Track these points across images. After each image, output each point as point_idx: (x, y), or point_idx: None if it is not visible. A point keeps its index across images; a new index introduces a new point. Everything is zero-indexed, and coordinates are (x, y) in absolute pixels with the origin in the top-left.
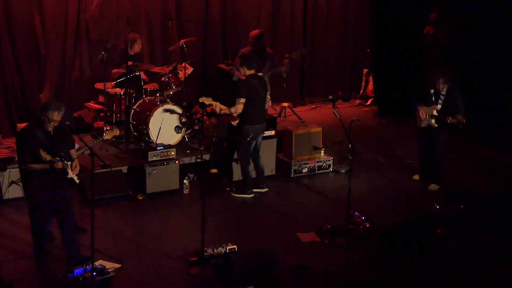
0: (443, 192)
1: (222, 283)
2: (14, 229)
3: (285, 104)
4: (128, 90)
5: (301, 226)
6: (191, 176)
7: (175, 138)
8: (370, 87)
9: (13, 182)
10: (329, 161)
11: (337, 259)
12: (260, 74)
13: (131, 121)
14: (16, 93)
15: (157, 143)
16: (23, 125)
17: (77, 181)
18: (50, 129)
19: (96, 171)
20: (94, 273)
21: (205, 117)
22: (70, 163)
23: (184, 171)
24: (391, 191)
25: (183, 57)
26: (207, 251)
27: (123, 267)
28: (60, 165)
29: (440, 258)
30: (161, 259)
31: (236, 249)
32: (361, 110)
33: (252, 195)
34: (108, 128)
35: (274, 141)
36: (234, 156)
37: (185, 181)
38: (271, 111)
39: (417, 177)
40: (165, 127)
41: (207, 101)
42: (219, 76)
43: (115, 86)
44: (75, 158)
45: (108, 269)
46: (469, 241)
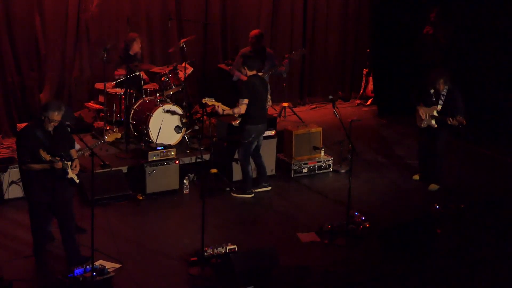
0: (443, 192)
1: (222, 283)
2: (14, 229)
3: (285, 104)
4: (128, 90)
5: (301, 226)
6: (191, 176)
7: (175, 138)
8: (370, 87)
9: (13, 182)
10: (329, 161)
11: (337, 259)
12: (260, 74)
13: (131, 121)
14: (16, 93)
15: (157, 143)
16: (23, 125)
17: (77, 181)
18: (50, 129)
19: (96, 171)
20: (94, 273)
21: (205, 117)
22: (70, 163)
23: (184, 171)
24: (391, 191)
25: (183, 57)
26: (207, 251)
27: (123, 267)
28: (60, 165)
29: (440, 258)
30: (161, 259)
31: (236, 249)
32: (361, 110)
33: (252, 195)
34: (108, 128)
35: (274, 141)
36: (234, 156)
37: (185, 181)
38: (271, 111)
39: (417, 177)
40: (165, 127)
41: (210, 101)
42: (219, 76)
43: (115, 86)
44: (75, 158)
45: (108, 269)
46: (469, 241)
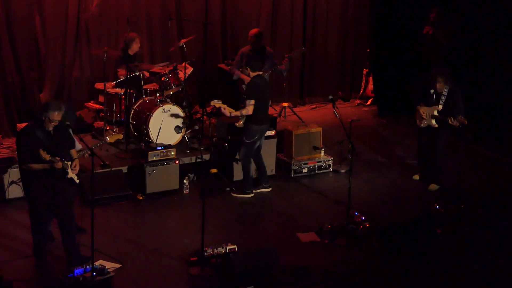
0: (443, 192)
1: (222, 283)
2: (14, 229)
3: (285, 104)
4: (128, 90)
5: (301, 226)
6: (191, 176)
7: (175, 138)
8: (370, 87)
9: (13, 182)
10: (329, 161)
11: (337, 259)
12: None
13: (131, 121)
14: (16, 93)
15: (157, 143)
16: (23, 125)
17: (77, 181)
18: (50, 129)
19: (96, 171)
20: (94, 273)
21: (205, 117)
22: (70, 163)
23: (184, 171)
24: (391, 191)
25: (183, 57)
26: (207, 251)
27: (123, 267)
28: (60, 165)
29: (440, 258)
30: (161, 259)
31: (236, 249)
32: (361, 110)
33: (251, 194)
34: (108, 128)
35: (274, 141)
36: (235, 156)
37: (185, 181)
38: (271, 111)
39: (417, 177)
40: (165, 127)
41: (218, 104)
42: (219, 76)
43: (115, 86)
44: (75, 158)
45: (108, 269)
46: (469, 241)
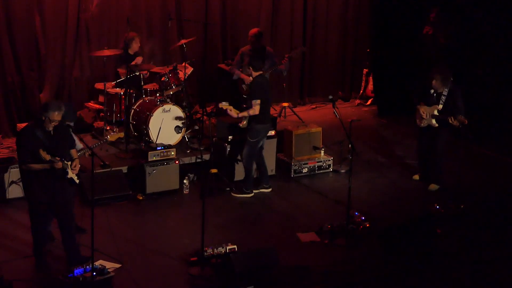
0: (443, 192)
1: (222, 283)
2: (14, 229)
3: (285, 104)
4: (128, 90)
5: (301, 226)
6: (191, 176)
7: (175, 138)
8: (370, 87)
9: (13, 182)
10: (329, 161)
11: (337, 259)
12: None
13: (131, 121)
14: (16, 93)
15: (157, 143)
16: (23, 125)
17: (77, 181)
18: (50, 128)
19: (96, 171)
20: (94, 273)
21: (205, 117)
22: (70, 163)
23: (184, 171)
24: (391, 191)
25: (183, 57)
26: (207, 251)
27: (123, 267)
28: (60, 165)
29: (440, 258)
30: (161, 259)
31: (236, 249)
32: (361, 110)
33: (251, 194)
34: (108, 128)
35: (274, 141)
36: (236, 155)
37: (185, 181)
38: (271, 111)
39: (417, 177)
40: (165, 127)
41: (226, 106)
42: (219, 76)
43: (115, 86)
44: (75, 158)
45: (108, 269)
46: (469, 241)
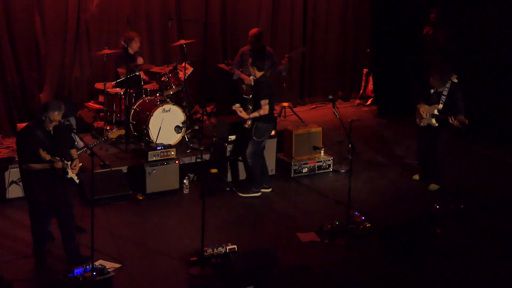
0: (443, 192)
1: (222, 283)
2: (14, 229)
3: (285, 104)
4: (128, 90)
5: (301, 226)
6: (191, 176)
7: (175, 138)
8: (370, 87)
9: (13, 182)
10: (329, 161)
11: (337, 259)
12: None
13: (131, 121)
14: (16, 93)
15: (157, 143)
16: (23, 125)
17: (77, 181)
18: (50, 128)
19: (96, 171)
20: (94, 273)
21: (205, 117)
22: (70, 163)
23: (184, 171)
24: (391, 191)
25: (183, 57)
26: (207, 251)
27: (123, 267)
28: (60, 165)
29: (440, 258)
30: (161, 259)
31: (236, 249)
32: (361, 110)
33: (259, 193)
34: (108, 128)
35: (274, 141)
36: (237, 155)
37: (185, 181)
38: None
39: (417, 177)
40: (165, 127)
41: (238, 108)
42: (219, 76)
43: (115, 86)
44: (75, 158)
45: (108, 269)
46: (469, 241)
